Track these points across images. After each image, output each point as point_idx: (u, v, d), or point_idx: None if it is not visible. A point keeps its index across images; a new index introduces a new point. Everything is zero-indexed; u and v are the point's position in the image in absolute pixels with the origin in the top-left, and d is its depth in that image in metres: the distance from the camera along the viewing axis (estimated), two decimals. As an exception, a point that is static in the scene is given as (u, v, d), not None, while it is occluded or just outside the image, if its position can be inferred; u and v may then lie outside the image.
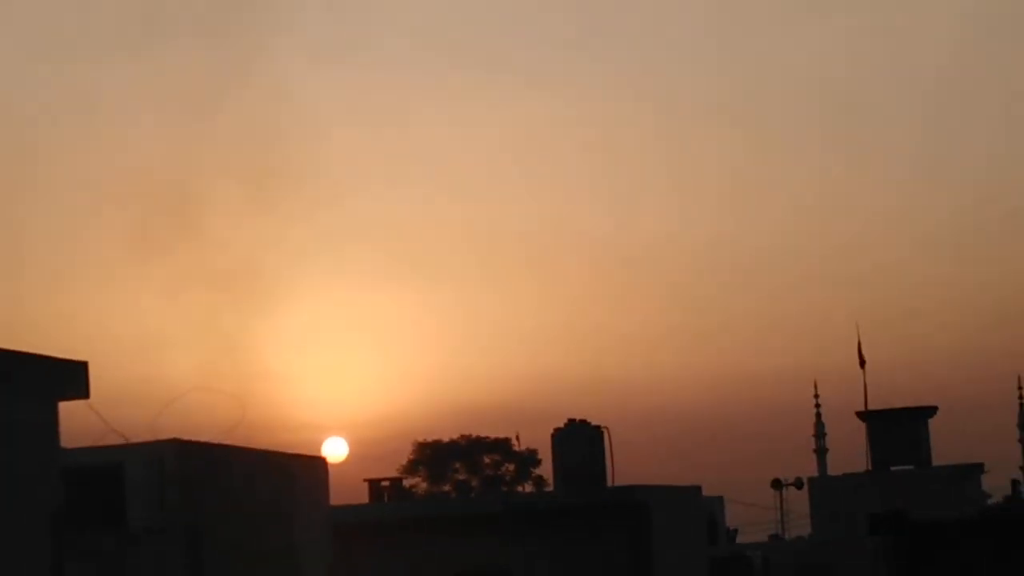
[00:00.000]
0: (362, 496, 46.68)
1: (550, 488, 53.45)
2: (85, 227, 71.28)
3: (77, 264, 67.09)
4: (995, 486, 62.09)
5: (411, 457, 70.60)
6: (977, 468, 57.80)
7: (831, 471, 63.31)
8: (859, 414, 60.55)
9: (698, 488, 47.26)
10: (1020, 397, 70.75)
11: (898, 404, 59.56)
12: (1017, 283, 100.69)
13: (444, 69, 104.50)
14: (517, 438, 66.55)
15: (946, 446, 59.56)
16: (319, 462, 32.81)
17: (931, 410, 58.91)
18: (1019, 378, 72.11)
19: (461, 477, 70.50)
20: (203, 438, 28.61)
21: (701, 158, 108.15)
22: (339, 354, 66.19)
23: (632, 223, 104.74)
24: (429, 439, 70.99)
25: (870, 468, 58.37)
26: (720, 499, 60.38)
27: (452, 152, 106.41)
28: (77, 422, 25.13)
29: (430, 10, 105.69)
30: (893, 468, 57.52)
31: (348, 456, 47.92)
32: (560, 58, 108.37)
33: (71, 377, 23.84)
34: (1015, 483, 62.98)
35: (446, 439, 71.66)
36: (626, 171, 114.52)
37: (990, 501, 58.71)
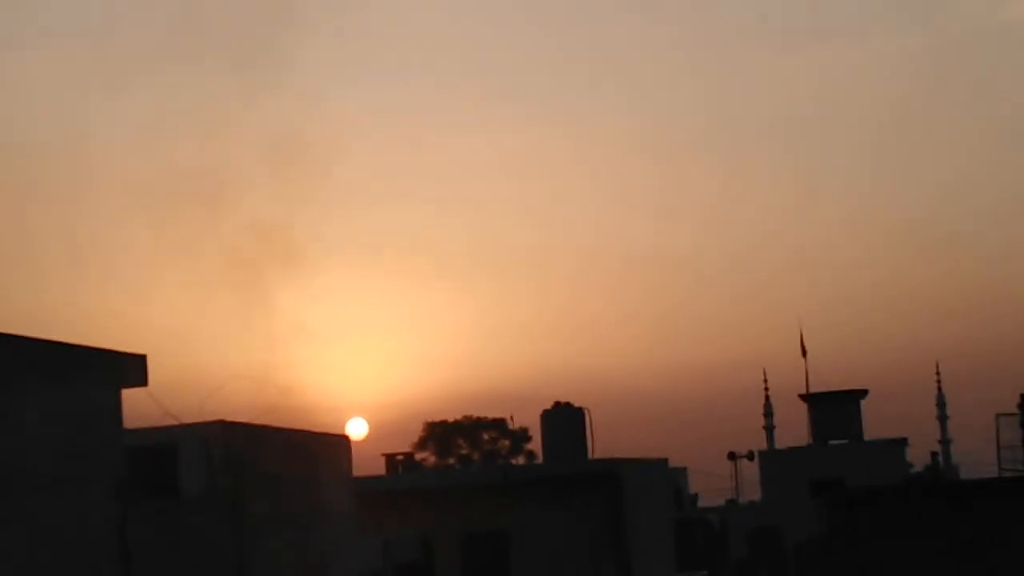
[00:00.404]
0: (380, 468, 47.44)
1: (540, 461, 53.49)
2: (138, 233, 71.21)
3: (133, 266, 67.17)
4: (917, 456, 62.55)
5: (421, 435, 70.21)
6: (902, 442, 58.27)
7: (778, 445, 63.75)
8: (801, 396, 60.89)
9: (665, 460, 47.71)
10: (938, 382, 71.50)
11: (835, 387, 59.91)
12: (939, 286, 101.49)
13: (457, 100, 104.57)
14: (511, 418, 66.51)
15: (876, 423, 59.97)
16: (343, 440, 33.58)
17: (863, 392, 59.26)
18: (937, 365, 73.18)
19: (464, 452, 70.38)
20: (244, 420, 28.77)
21: (679, 178, 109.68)
22: (360, 346, 66.24)
23: (615, 235, 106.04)
24: (437, 419, 70.73)
25: (811, 442, 58.82)
26: (684, 470, 60.84)
27: (462, 170, 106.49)
28: (138, 407, 25.47)
29: (444, 47, 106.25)
30: (831, 442, 57.75)
31: (368, 434, 47.76)
32: (557, 92, 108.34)
33: (132, 368, 23.96)
34: (934, 455, 63.90)
35: (451, 419, 71.48)
36: (611, 189, 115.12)
37: (913, 470, 58.89)
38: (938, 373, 71.96)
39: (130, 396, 24.58)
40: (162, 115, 76.12)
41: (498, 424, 68.97)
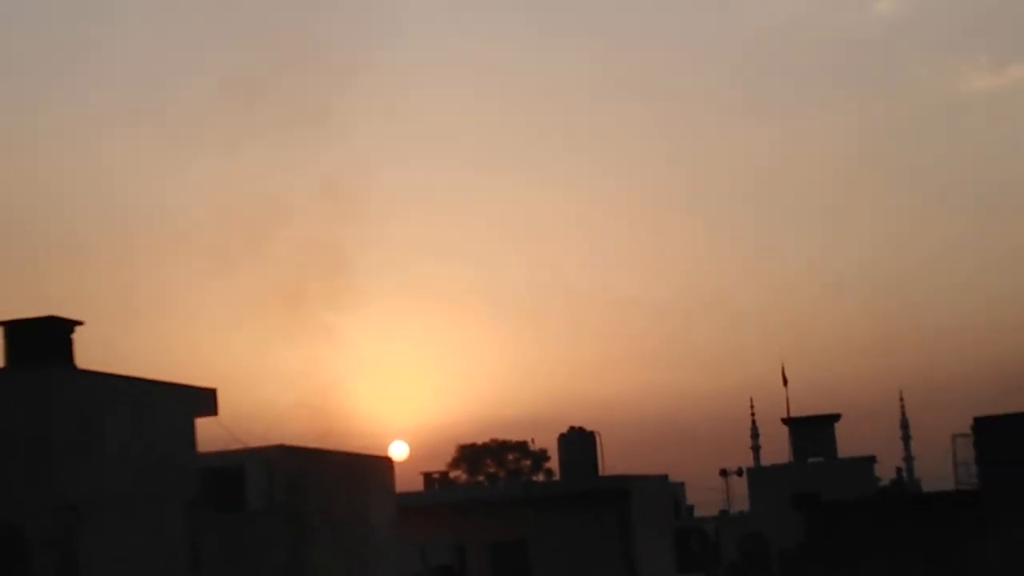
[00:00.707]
0: (419, 485, 48.05)
1: (557, 478, 53.70)
2: (211, 283, 71.96)
3: (207, 311, 68.03)
4: (884, 472, 62.66)
5: (455, 456, 70.05)
6: (871, 460, 58.28)
7: (763, 463, 64.33)
8: (783, 420, 61.00)
9: (665, 477, 47.93)
10: (902, 406, 72.50)
11: (812, 412, 59.91)
12: (900, 322, 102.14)
13: (471, 167, 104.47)
14: (532, 441, 66.96)
15: (847, 443, 60.15)
16: (387, 461, 34.02)
17: (836, 417, 59.22)
18: (901, 392, 74.15)
19: (491, 470, 70.41)
20: (302, 444, 29.22)
21: (663, 231, 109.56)
22: (401, 378, 67.15)
23: (611, 282, 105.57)
24: (468, 442, 70.54)
25: (792, 460, 58.62)
26: (682, 484, 61.04)
27: (494, 230, 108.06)
28: (209, 433, 26.02)
29: (461, 126, 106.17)
30: (809, 460, 57.59)
31: (408, 456, 47.78)
32: (552, 158, 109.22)
33: (204, 400, 25.92)
34: (899, 471, 64.85)
35: (480, 442, 71.33)
36: (607, 244, 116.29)
37: (880, 484, 58.98)
38: (902, 399, 73.19)
39: (203, 424, 24.95)
40: (231, 177, 77.08)
41: (520, 446, 68.82)
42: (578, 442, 45.79)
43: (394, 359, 71.02)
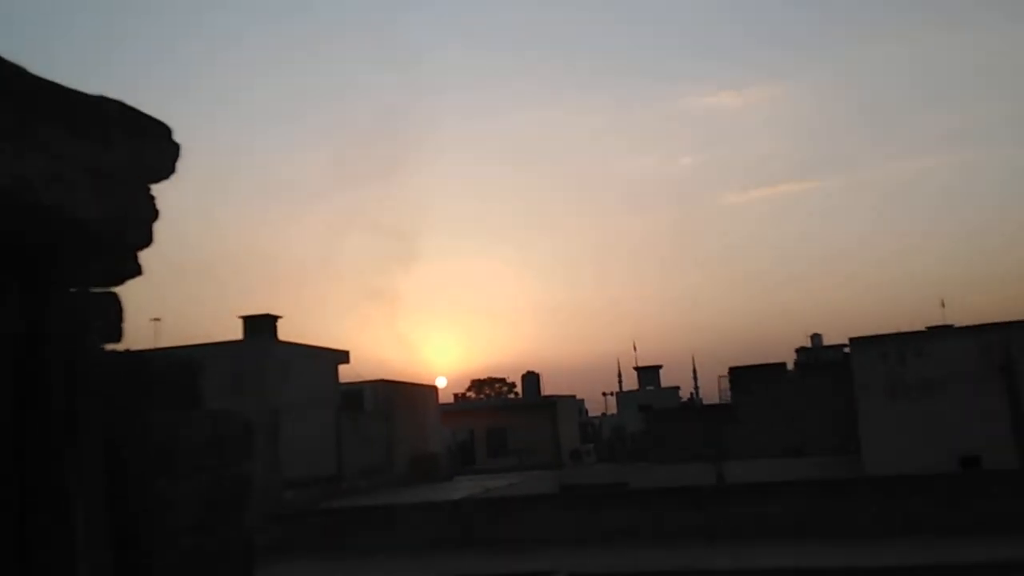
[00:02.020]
0: (451, 399, 45.82)
1: (520, 396, 48.52)
2: (327, 291, 69.66)
3: (331, 306, 66.94)
4: (684, 395, 56.05)
5: (469, 384, 62.99)
6: (676, 388, 54.53)
7: (624, 389, 57.15)
8: (635, 368, 57.45)
9: (575, 396, 45.74)
10: (693, 361, 66.14)
11: (647, 364, 56.82)
12: (693, 314, 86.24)
13: (486, 242, 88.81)
14: (507, 379, 62.86)
15: (666, 380, 55.88)
16: (434, 387, 33.03)
17: (659, 366, 56.44)
18: (692, 355, 70.10)
19: (487, 392, 62.34)
20: (391, 378, 29.21)
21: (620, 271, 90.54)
22: (441, 342, 64.06)
23: (541, 297, 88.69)
24: (476, 377, 63.27)
25: (638, 388, 54.91)
26: (583, 400, 55.34)
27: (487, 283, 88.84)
28: (346, 373, 25.45)
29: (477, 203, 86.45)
30: (647, 388, 54.17)
31: (446, 384, 47.89)
32: (538, 234, 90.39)
33: (342, 356, 25.14)
34: (691, 394, 56.99)
35: (482, 377, 64.05)
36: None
37: (682, 400, 52.56)
38: (693, 358, 66.96)
39: (343, 369, 25.05)
40: (330, 228, 74.07)
41: (501, 380, 63.26)
42: (531, 378, 46.19)
43: (437, 331, 70.52)
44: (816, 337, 37.12)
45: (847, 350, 20.50)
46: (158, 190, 2.05)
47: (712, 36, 79.15)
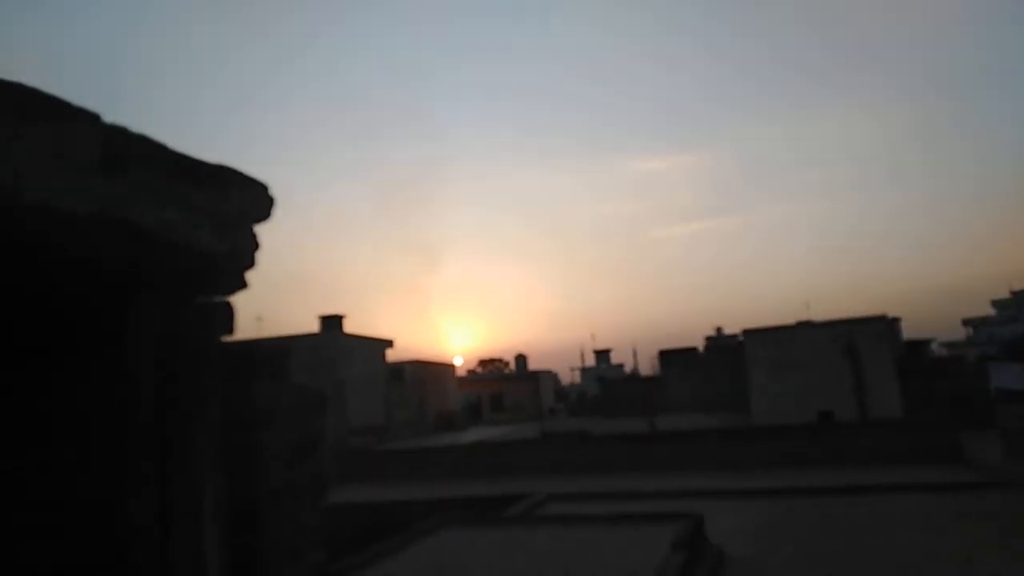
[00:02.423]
0: (465, 373, 43.69)
1: (513, 371, 45.38)
2: (378, 288, 68.81)
3: (382, 305, 66.62)
4: (627, 369, 49.96)
5: (478, 362, 55.20)
6: (621, 365, 51.50)
7: (586, 365, 53.82)
8: (594, 351, 55.17)
9: (551, 371, 44.92)
10: (634, 350, 64.05)
11: (603, 348, 54.74)
12: (634, 310, 78.71)
13: (490, 260, 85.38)
14: (502, 359, 57.15)
15: (617, 359, 53.04)
16: (453, 366, 32.43)
17: (610, 349, 54.35)
18: (634, 344, 66.95)
19: (491, 368, 53.48)
20: (421, 359, 28.21)
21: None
22: (458, 329, 65.05)
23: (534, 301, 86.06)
24: (484, 357, 56.74)
25: (595, 365, 52.65)
26: (557, 373, 52.99)
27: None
28: (390, 356, 24.09)
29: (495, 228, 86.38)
30: (603, 366, 52.11)
31: (462, 364, 45.13)
32: (527, 256, 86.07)
33: (387, 343, 23.37)
34: (632, 369, 47.13)
35: (487, 357, 57.25)
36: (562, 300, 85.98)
37: (627, 373, 47.01)
38: (635, 348, 65.31)
39: (388, 352, 24.04)
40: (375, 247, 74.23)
41: (500, 360, 56.84)
42: (521, 359, 46.07)
43: (455, 323, 69.15)
44: (719, 329, 38.02)
45: (741, 338, 20.61)
46: (260, 229, 2.08)
47: (646, 120, 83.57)
